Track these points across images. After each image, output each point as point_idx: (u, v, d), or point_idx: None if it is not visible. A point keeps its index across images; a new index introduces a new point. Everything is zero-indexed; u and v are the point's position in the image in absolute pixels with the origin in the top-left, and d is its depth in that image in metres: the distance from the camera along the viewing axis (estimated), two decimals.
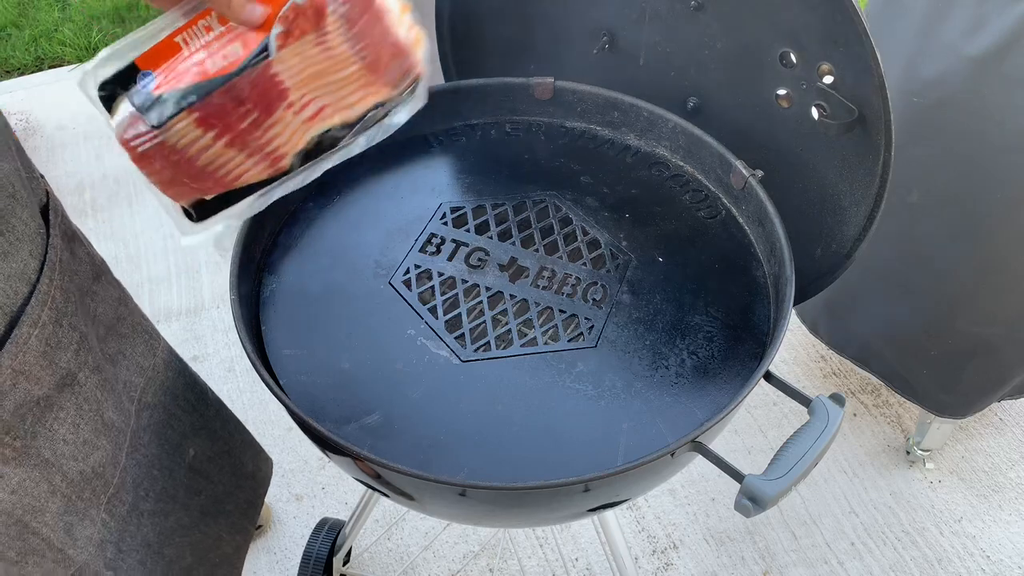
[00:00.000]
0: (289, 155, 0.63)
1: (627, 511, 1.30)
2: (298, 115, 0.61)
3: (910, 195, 1.04)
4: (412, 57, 0.61)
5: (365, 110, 0.63)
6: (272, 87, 0.60)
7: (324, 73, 0.60)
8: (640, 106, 0.88)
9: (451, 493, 0.58)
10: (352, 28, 0.59)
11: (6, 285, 0.51)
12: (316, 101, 0.61)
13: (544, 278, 0.76)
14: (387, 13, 0.59)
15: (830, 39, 0.69)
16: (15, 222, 0.52)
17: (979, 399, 1.22)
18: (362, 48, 0.59)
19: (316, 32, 0.59)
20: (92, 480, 0.61)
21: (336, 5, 0.58)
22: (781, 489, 0.55)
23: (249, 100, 0.60)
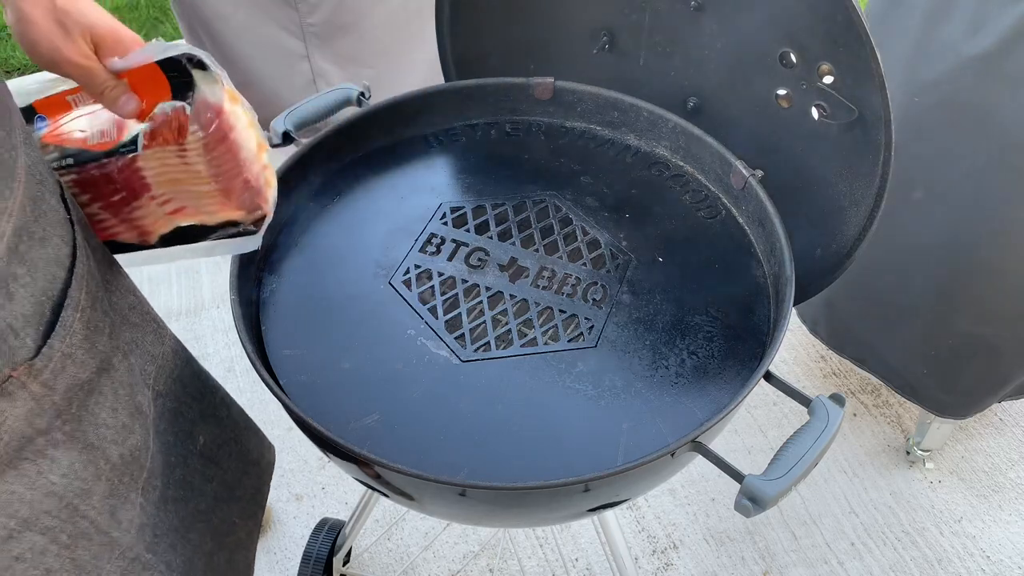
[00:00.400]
0: (155, 234, 0.67)
1: (627, 511, 1.30)
2: (161, 207, 0.65)
3: (910, 196, 1.04)
4: (262, 195, 0.65)
5: (223, 221, 0.66)
6: (137, 179, 0.64)
7: (183, 182, 0.64)
8: (640, 106, 0.88)
9: (451, 493, 0.58)
10: (209, 153, 0.62)
11: (47, 270, 0.52)
12: (177, 200, 0.65)
13: (544, 278, 0.76)
14: (241, 150, 0.63)
15: (830, 39, 0.69)
16: (46, 208, 0.53)
17: (980, 399, 1.22)
18: (216, 173, 0.63)
19: (177, 145, 0.62)
20: (130, 464, 0.62)
21: (196, 128, 0.61)
22: (781, 489, 0.55)
23: (117, 182, 0.64)
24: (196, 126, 0.61)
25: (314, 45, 1.58)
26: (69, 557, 0.56)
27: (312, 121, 0.84)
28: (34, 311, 0.50)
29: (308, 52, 1.59)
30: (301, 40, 1.57)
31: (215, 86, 0.61)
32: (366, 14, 1.57)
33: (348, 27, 1.57)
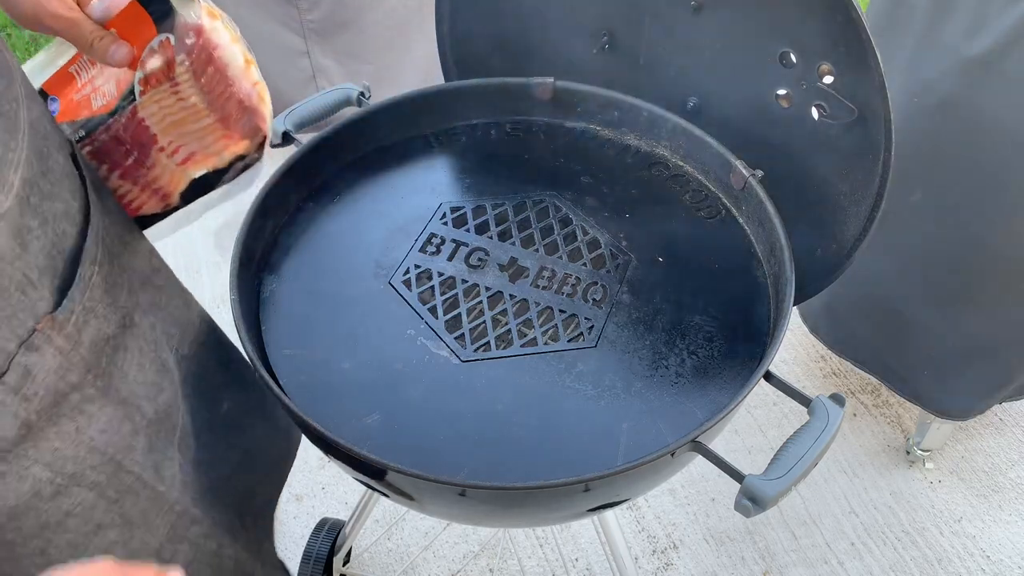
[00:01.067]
0: (174, 193, 0.67)
1: (627, 511, 1.30)
2: (171, 158, 0.65)
3: (910, 196, 1.04)
4: (259, 114, 0.65)
5: (232, 158, 0.66)
6: (142, 130, 0.64)
7: (184, 122, 0.64)
8: (640, 106, 0.88)
9: (451, 493, 0.58)
10: (199, 80, 0.62)
11: (56, 225, 0.52)
12: (184, 147, 0.65)
13: (544, 278, 0.76)
14: (228, 67, 0.63)
15: (830, 39, 0.69)
16: (52, 164, 0.53)
17: (980, 401, 1.22)
18: (211, 101, 0.63)
19: (169, 82, 0.62)
20: (164, 420, 0.63)
21: (182, 56, 0.61)
22: (781, 489, 0.55)
23: (126, 140, 0.64)
24: (182, 55, 0.61)
25: (314, 41, 1.58)
26: (118, 512, 0.57)
27: (312, 121, 0.84)
28: (48, 264, 0.51)
29: (308, 48, 1.59)
30: (301, 36, 1.57)
31: (192, 5, 0.60)
32: (365, 10, 1.57)
33: (348, 23, 1.57)
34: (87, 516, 0.54)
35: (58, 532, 0.53)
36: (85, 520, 0.54)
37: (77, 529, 0.54)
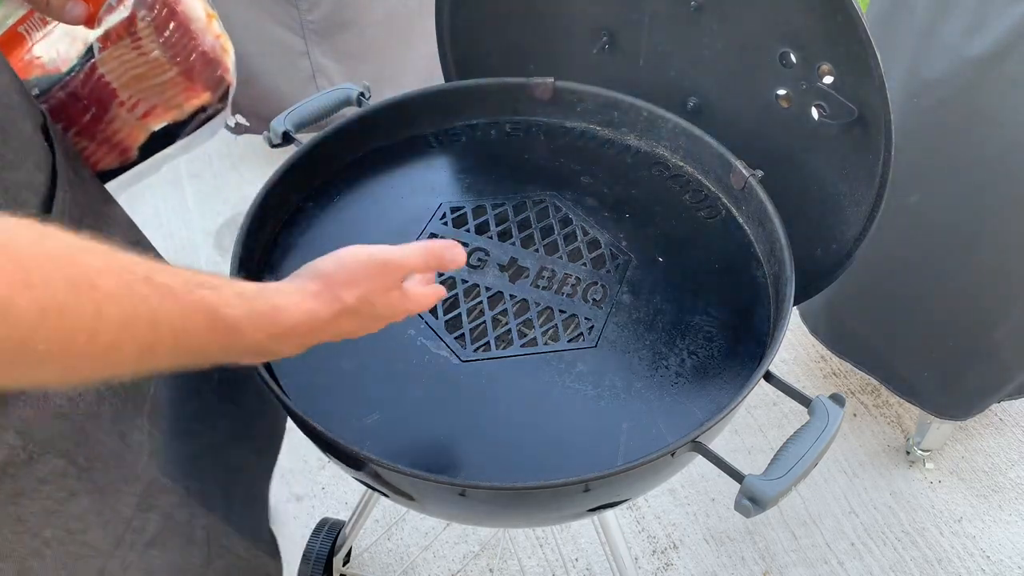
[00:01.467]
0: (133, 147, 0.67)
1: (627, 511, 1.30)
2: (131, 112, 0.65)
3: (910, 196, 1.04)
4: (223, 65, 0.65)
5: (193, 110, 0.66)
6: (101, 87, 0.63)
7: (145, 76, 0.64)
8: (640, 106, 0.88)
9: (451, 493, 0.58)
10: (161, 35, 0.62)
11: (16, 194, 0.51)
12: (145, 101, 0.65)
13: (544, 278, 0.76)
14: (191, 21, 0.63)
15: (830, 39, 0.69)
16: (15, 132, 0.53)
17: (980, 401, 1.22)
18: (174, 55, 0.63)
19: (130, 37, 0.62)
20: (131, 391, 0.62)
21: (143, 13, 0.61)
22: (781, 489, 0.55)
23: (84, 97, 0.63)
24: (143, 11, 0.61)
25: (314, 42, 1.58)
26: (89, 479, 0.57)
27: (312, 121, 0.84)
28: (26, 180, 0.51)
29: (308, 49, 1.59)
30: (301, 37, 1.57)
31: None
32: (365, 11, 1.57)
33: (348, 24, 1.57)
34: (60, 483, 0.54)
35: (34, 498, 0.53)
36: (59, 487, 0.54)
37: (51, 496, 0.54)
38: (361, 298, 0.51)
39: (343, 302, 0.50)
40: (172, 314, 0.40)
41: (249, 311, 0.44)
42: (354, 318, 0.51)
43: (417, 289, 0.56)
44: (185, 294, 0.41)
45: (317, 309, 0.48)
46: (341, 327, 0.51)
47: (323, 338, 0.50)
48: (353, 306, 0.50)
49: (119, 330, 0.37)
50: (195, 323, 0.41)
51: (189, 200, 1.87)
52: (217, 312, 0.42)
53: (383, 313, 0.53)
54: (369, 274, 0.52)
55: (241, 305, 0.43)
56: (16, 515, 0.52)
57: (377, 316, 0.53)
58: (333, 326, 0.50)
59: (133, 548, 0.62)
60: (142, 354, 0.39)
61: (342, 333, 0.51)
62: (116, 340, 0.37)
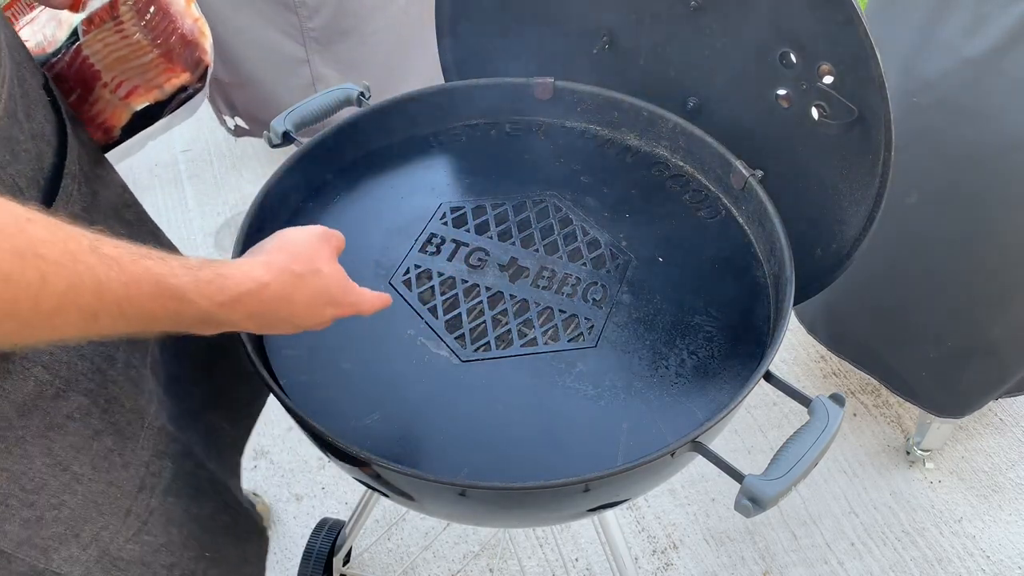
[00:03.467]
0: (116, 127, 0.69)
1: (627, 511, 1.30)
2: (114, 93, 0.67)
3: (909, 196, 1.04)
4: (200, 47, 0.67)
5: (174, 90, 0.68)
6: (86, 68, 0.66)
7: (127, 59, 0.66)
8: (640, 106, 0.88)
9: (451, 493, 0.58)
10: (142, 18, 0.65)
11: (35, 143, 0.54)
12: (127, 82, 0.67)
13: (544, 278, 0.76)
14: (171, 5, 0.66)
15: (830, 39, 0.69)
16: (28, 87, 0.55)
17: (978, 399, 1.22)
18: (155, 37, 0.66)
19: (113, 21, 0.65)
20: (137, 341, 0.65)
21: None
22: (781, 489, 0.55)
23: (69, 78, 0.66)
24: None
25: (314, 50, 1.58)
26: (110, 421, 0.59)
27: (312, 121, 0.84)
28: (33, 176, 0.53)
29: (308, 57, 1.59)
30: (301, 45, 1.57)
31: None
32: (366, 20, 1.57)
33: (348, 32, 1.57)
34: (85, 421, 0.57)
35: (62, 433, 0.55)
36: (84, 425, 0.57)
37: (78, 432, 0.57)
38: (310, 265, 0.53)
39: (292, 271, 0.51)
40: (117, 283, 0.41)
41: (195, 279, 0.45)
42: (308, 292, 0.52)
43: (366, 290, 0.58)
44: (130, 263, 0.42)
45: (264, 277, 0.49)
46: (296, 302, 0.52)
47: (281, 315, 0.51)
48: (304, 275, 0.52)
49: (63, 297, 0.38)
50: (140, 291, 0.42)
51: (189, 200, 1.87)
52: (163, 281, 0.43)
53: (334, 292, 0.54)
54: (310, 242, 0.54)
55: (186, 274, 0.45)
56: (48, 448, 0.55)
57: (329, 296, 0.54)
58: (286, 300, 0.51)
59: (154, 493, 0.65)
60: (87, 320, 0.40)
61: (297, 314, 0.52)
62: (60, 306, 0.38)
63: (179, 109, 0.70)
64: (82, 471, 0.58)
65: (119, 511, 0.62)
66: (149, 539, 0.66)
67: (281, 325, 0.53)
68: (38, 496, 0.55)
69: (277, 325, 0.53)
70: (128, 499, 0.62)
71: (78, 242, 0.39)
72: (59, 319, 0.39)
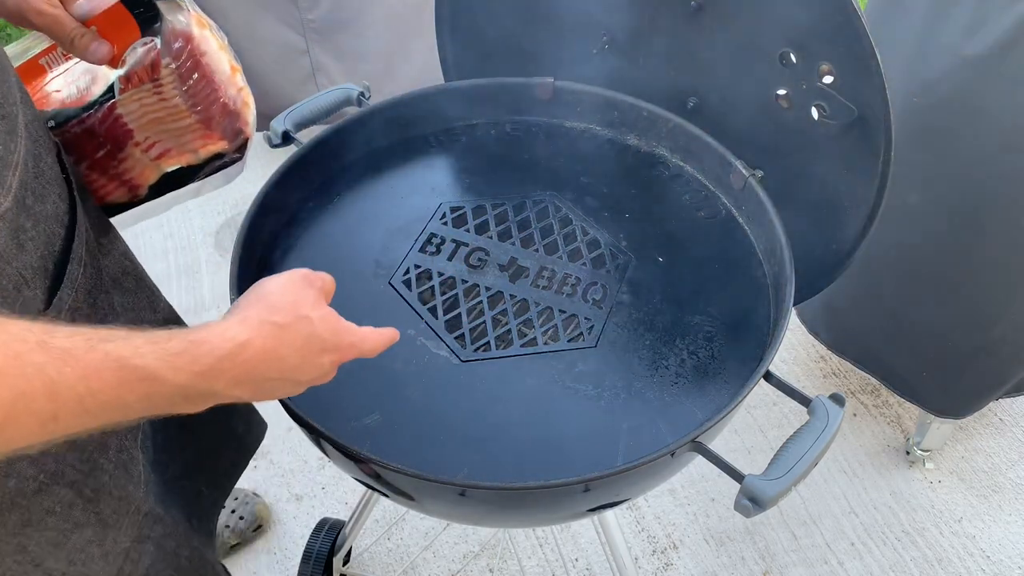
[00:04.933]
0: (144, 185, 0.68)
1: (627, 511, 1.30)
2: (146, 153, 0.66)
3: (909, 196, 1.04)
4: (242, 118, 0.67)
5: (208, 156, 0.68)
6: (119, 126, 0.65)
7: (163, 121, 0.65)
8: (640, 106, 0.87)
9: (451, 493, 0.58)
10: (184, 83, 0.64)
11: (47, 226, 0.53)
12: (160, 144, 0.66)
13: (544, 278, 0.76)
14: (216, 74, 0.64)
15: (830, 39, 0.69)
16: (44, 167, 0.54)
17: (978, 399, 1.22)
18: (195, 103, 0.65)
19: (152, 83, 0.63)
20: None
21: (168, 60, 0.63)
22: (781, 489, 0.55)
23: (100, 134, 0.65)
24: (168, 58, 0.62)
25: (314, 40, 1.58)
26: (93, 511, 0.57)
27: (312, 121, 0.84)
28: (40, 264, 0.51)
29: (308, 47, 1.59)
30: (301, 35, 1.57)
31: (180, 12, 0.62)
32: (366, 10, 1.57)
33: (348, 23, 1.57)
34: (66, 515, 0.55)
35: (39, 529, 0.53)
36: (64, 519, 0.55)
37: (56, 527, 0.54)
38: (294, 313, 0.48)
39: (273, 322, 0.47)
40: (72, 378, 0.37)
41: (162, 354, 0.41)
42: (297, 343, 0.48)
43: (368, 328, 0.54)
44: (86, 353, 0.38)
45: (242, 336, 0.45)
46: (286, 357, 0.47)
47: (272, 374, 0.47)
48: (289, 324, 0.48)
49: (11, 407, 0.35)
50: (103, 381, 0.39)
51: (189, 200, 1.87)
52: (126, 363, 0.39)
53: (327, 336, 0.50)
54: (291, 287, 0.50)
55: (152, 351, 0.41)
56: (21, 545, 0.52)
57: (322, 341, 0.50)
58: (276, 357, 0.47)
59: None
60: (45, 425, 0.37)
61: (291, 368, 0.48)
62: (10, 417, 0.35)
63: (212, 176, 0.68)
64: (56, 566, 0.55)
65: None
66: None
67: (278, 386, 0.49)
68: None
69: (273, 387, 0.48)
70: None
71: (23, 341, 0.36)
72: (12, 431, 0.36)
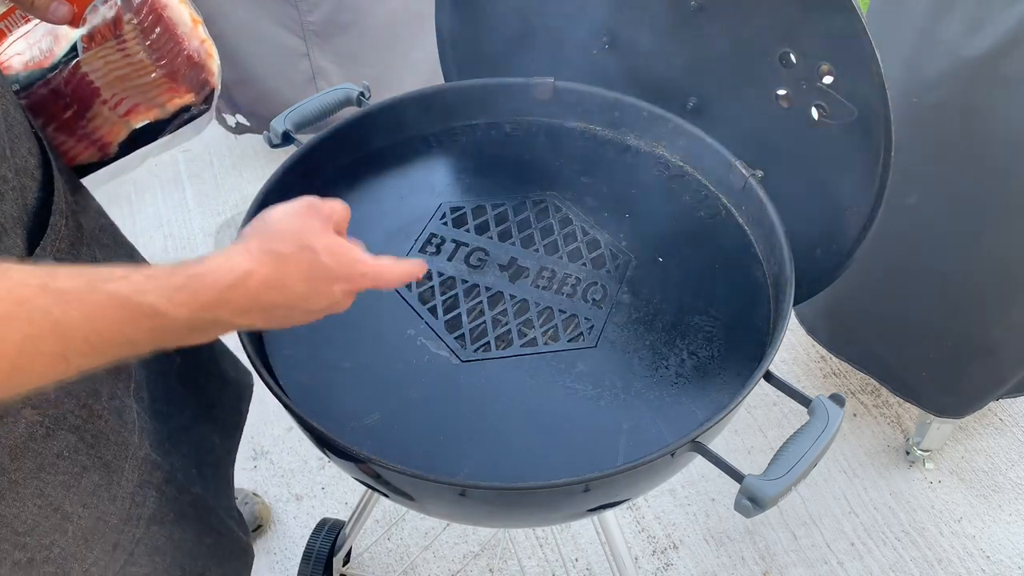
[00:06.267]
0: (113, 143, 0.68)
1: (627, 511, 1.30)
2: (114, 110, 0.66)
3: (909, 196, 1.04)
4: (207, 68, 0.66)
5: (175, 110, 0.67)
6: (84, 85, 0.64)
7: (129, 77, 0.65)
8: (640, 106, 0.87)
9: (451, 493, 0.58)
10: (147, 38, 0.63)
11: (20, 179, 0.53)
12: (128, 100, 0.66)
13: (544, 278, 0.76)
14: (178, 26, 0.64)
15: (830, 39, 0.69)
16: (12, 121, 0.54)
17: (977, 399, 1.22)
18: (159, 57, 0.64)
19: (116, 39, 0.63)
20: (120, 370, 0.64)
21: (130, 16, 0.62)
22: (781, 489, 0.55)
23: (66, 95, 0.64)
24: (129, 14, 0.62)
25: (314, 43, 1.58)
26: (96, 456, 0.59)
27: (312, 121, 0.84)
28: (18, 215, 0.51)
29: (308, 50, 1.59)
30: (301, 38, 1.57)
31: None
32: (366, 13, 1.57)
33: (348, 25, 1.57)
34: (74, 459, 0.57)
35: (52, 473, 0.55)
36: (73, 462, 0.57)
37: (67, 470, 0.56)
38: (297, 242, 0.47)
39: (278, 252, 0.46)
40: (78, 318, 0.38)
41: (164, 289, 0.41)
42: (301, 272, 0.47)
43: (386, 257, 0.52)
44: (88, 293, 0.39)
45: (243, 265, 0.44)
46: (291, 286, 0.46)
47: (279, 302, 0.46)
48: (292, 254, 0.46)
49: (21, 350, 0.36)
50: (108, 319, 0.39)
51: (189, 200, 1.87)
52: (129, 301, 0.40)
53: (333, 266, 0.48)
54: (295, 216, 0.49)
55: (154, 287, 0.41)
56: (39, 489, 0.54)
57: (328, 271, 0.48)
58: (280, 286, 0.46)
59: (139, 524, 0.64)
60: (56, 365, 0.38)
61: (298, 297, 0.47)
62: (20, 360, 0.36)
63: (182, 129, 0.68)
64: (72, 509, 0.56)
65: (107, 545, 0.61)
66: (135, 570, 0.65)
67: (287, 314, 0.47)
68: (29, 538, 0.54)
69: (284, 315, 0.47)
70: (115, 533, 0.61)
71: (26, 286, 0.37)
72: (24, 373, 0.37)
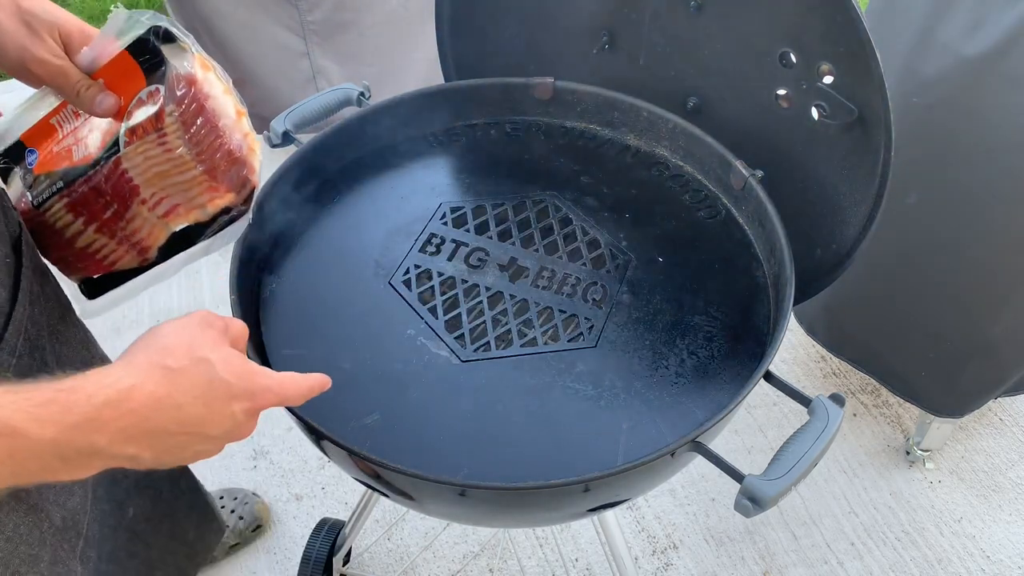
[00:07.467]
0: (152, 248, 0.65)
1: (627, 511, 1.30)
2: (153, 211, 0.63)
3: (909, 196, 1.04)
4: (248, 164, 0.63)
5: (216, 211, 0.64)
6: (124, 182, 0.62)
7: (169, 174, 0.62)
8: (640, 106, 0.87)
9: (451, 493, 0.58)
10: (188, 130, 0.60)
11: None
12: (167, 200, 0.63)
13: (544, 278, 0.76)
14: (220, 118, 0.61)
15: (830, 39, 0.69)
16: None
17: (977, 399, 1.22)
18: (199, 152, 0.61)
19: (156, 132, 0.60)
20: (70, 529, 0.60)
21: (172, 107, 0.60)
22: (781, 489, 0.55)
23: (107, 192, 0.62)
24: (172, 105, 0.60)
25: (314, 43, 1.58)
26: None
27: (312, 121, 0.84)
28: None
29: (308, 49, 1.59)
30: (301, 37, 1.57)
31: (184, 55, 0.59)
32: (366, 12, 1.57)
33: (348, 25, 1.57)
34: None
35: None
36: None
37: None
38: (190, 355, 0.43)
39: (168, 366, 0.42)
40: None
41: (24, 404, 0.36)
42: (197, 388, 0.43)
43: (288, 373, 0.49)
44: None
45: (127, 380, 0.40)
46: (185, 406, 0.42)
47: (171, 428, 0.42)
48: (185, 368, 0.43)
49: None
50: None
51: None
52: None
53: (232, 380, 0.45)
54: (187, 328, 0.45)
55: (11, 401, 0.36)
56: None
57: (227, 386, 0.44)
58: (172, 406, 0.42)
59: None
60: None
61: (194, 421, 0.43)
62: None
63: (221, 235, 0.65)
64: None
65: None
66: None
67: (184, 442, 0.43)
68: None
69: (178, 444, 0.42)
70: None
71: None
72: None
